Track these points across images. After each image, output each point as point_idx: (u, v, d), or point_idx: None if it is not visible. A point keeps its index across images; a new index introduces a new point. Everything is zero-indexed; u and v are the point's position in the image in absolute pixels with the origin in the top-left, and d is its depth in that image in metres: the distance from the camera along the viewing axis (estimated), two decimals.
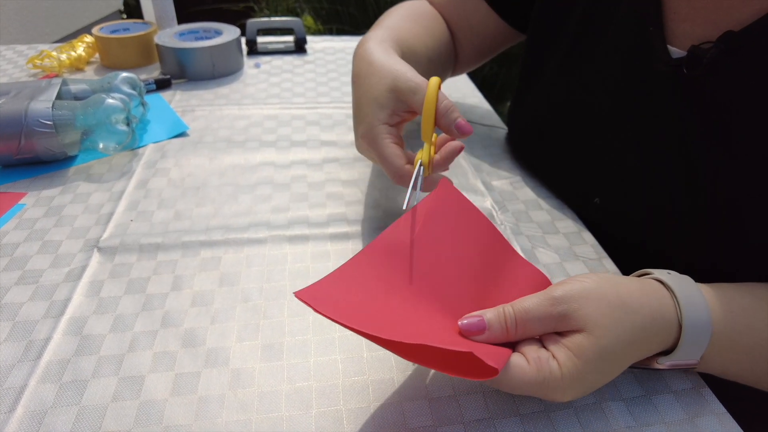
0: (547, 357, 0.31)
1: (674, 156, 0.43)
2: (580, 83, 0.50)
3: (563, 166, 0.54)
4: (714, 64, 0.40)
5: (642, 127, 0.45)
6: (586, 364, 0.31)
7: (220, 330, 0.40)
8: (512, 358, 0.31)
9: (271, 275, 0.45)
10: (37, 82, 0.63)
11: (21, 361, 0.37)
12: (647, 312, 0.33)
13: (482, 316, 0.33)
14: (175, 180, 0.57)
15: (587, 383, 0.32)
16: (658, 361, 0.35)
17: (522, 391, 0.31)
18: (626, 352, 0.33)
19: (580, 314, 0.32)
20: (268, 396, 0.35)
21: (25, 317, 0.41)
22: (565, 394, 0.32)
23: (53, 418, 0.33)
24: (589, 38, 0.49)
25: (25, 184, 0.56)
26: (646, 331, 0.33)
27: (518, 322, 0.32)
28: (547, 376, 0.30)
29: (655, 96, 0.44)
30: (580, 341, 0.31)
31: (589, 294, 0.32)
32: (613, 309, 0.32)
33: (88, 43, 0.87)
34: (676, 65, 0.42)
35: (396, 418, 0.34)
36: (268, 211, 0.52)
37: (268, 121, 0.69)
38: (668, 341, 0.34)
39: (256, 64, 0.86)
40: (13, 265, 0.45)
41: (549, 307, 0.32)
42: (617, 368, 0.33)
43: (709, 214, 0.42)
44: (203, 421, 0.34)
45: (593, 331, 0.31)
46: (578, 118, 0.51)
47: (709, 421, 0.34)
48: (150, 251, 0.47)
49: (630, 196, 0.47)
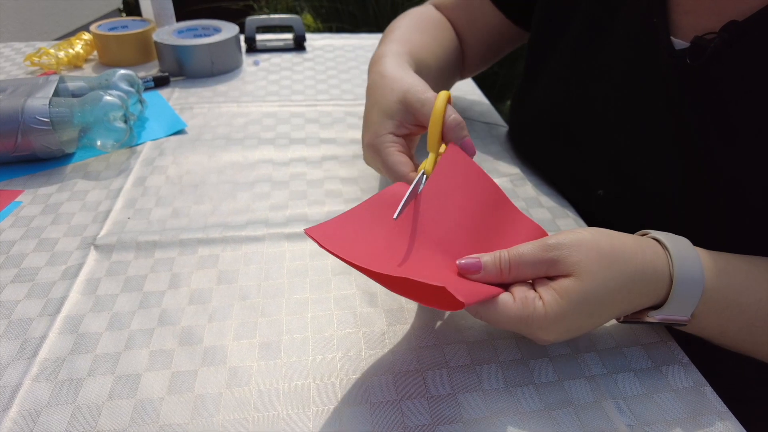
0: (534, 297, 0.33)
1: (679, 147, 0.43)
2: (585, 76, 0.50)
3: (567, 160, 0.54)
4: (717, 54, 0.40)
5: (646, 119, 0.45)
6: (570, 304, 0.33)
7: (217, 328, 0.39)
8: (500, 296, 0.33)
9: (269, 273, 0.44)
10: (35, 79, 0.63)
11: (16, 359, 0.37)
12: (638, 262, 0.34)
13: (479, 258, 0.35)
14: (173, 177, 0.56)
15: (570, 324, 0.34)
16: (648, 315, 0.36)
17: (507, 325, 0.34)
18: (612, 299, 0.34)
19: (571, 260, 0.33)
20: (265, 394, 0.35)
21: (21, 315, 0.40)
22: (548, 332, 0.33)
23: (48, 417, 0.33)
24: (594, 31, 0.49)
25: (21, 181, 0.56)
26: (635, 280, 0.34)
27: (512, 264, 0.34)
28: (531, 313, 0.33)
29: (660, 87, 0.44)
30: (567, 284, 0.33)
31: (581, 242, 0.34)
32: (603, 256, 0.34)
33: (86, 40, 0.86)
34: (679, 56, 0.42)
35: (394, 417, 0.34)
36: (267, 208, 0.52)
37: (267, 119, 0.68)
38: (659, 295, 0.35)
39: (255, 61, 0.86)
40: (9, 263, 0.45)
41: (541, 252, 0.34)
42: (601, 314, 0.35)
43: (712, 204, 0.42)
44: (200, 419, 0.33)
45: (580, 276, 0.33)
46: (583, 111, 0.51)
47: (711, 420, 0.34)
48: (147, 249, 0.47)
49: (634, 187, 0.47)
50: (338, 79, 0.81)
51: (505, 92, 2.22)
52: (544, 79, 0.55)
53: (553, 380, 0.36)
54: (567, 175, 0.55)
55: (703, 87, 0.41)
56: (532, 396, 0.35)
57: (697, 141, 0.42)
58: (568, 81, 0.52)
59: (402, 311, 0.41)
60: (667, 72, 0.43)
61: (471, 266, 0.35)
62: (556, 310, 0.33)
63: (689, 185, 0.43)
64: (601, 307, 0.34)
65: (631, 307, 0.35)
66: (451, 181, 0.40)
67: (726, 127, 0.40)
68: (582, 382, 0.36)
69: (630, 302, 0.35)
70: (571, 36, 0.51)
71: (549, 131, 0.55)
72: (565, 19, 0.52)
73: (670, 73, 0.42)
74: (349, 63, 0.86)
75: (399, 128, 0.45)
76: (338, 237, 0.34)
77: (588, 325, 0.35)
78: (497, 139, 0.66)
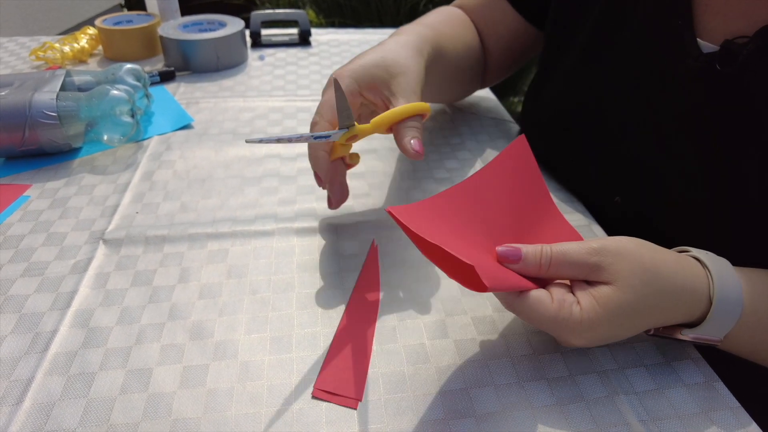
0: (572, 301, 0.33)
1: (700, 154, 0.42)
2: (601, 78, 0.49)
3: (582, 165, 0.53)
4: (750, 62, 0.38)
5: (666, 124, 0.44)
6: (607, 314, 0.32)
7: (228, 322, 0.39)
8: (538, 293, 0.33)
9: (278, 267, 0.44)
10: (41, 74, 0.63)
11: (27, 353, 0.37)
12: (677, 281, 0.34)
13: (520, 248, 0.34)
14: (181, 172, 0.56)
15: (602, 333, 0.34)
16: (682, 332, 0.35)
17: (539, 324, 0.33)
18: (648, 314, 0.34)
19: (614, 269, 0.33)
20: (277, 388, 0.35)
21: (31, 309, 0.40)
22: (579, 337, 0.33)
23: (61, 411, 0.33)
24: (611, 32, 0.48)
25: (29, 175, 0.56)
26: (672, 299, 0.34)
27: (553, 261, 0.33)
28: (567, 317, 0.32)
29: (682, 92, 0.42)
30: (607, 292, 0.32)
31: (625, 252, 0.33)
32: (645, 271, 0.33)
33: (91, 35, 0.86)
34: (707, 60, 0.40)
35: (406, 411, 0.34)
36: (275, 203, 0.52)
37: (274, 114, 0.68)
38: (694, 314, 0.35)
39: (261, 56, 0.85)
40: (19, 257, 0.45)
41: (585, 255, 0.33)
42: (633, 327, 0.35)
43: (735, 214, 0.41)
44: (212, 413, 0.33)
45: (621, 287, 0.32)
46: (598, 115, 0.50)
47: (724, 416, 0.34)
48: (156, 243, 0.47)
49: (653, 194, 0.47)
50: None
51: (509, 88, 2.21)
52: (559, 80, 0.54)
53: (565, 375, 0.36)
54: (582, 179, 0.54)
55: (732, 94, 0.39)
56: (544, 391, 0.35)
57: (722, 148, 0.41)
58: (582, 82, 0.51)
59: (412, 307, 0.41)
60: (691, 76, 0.41)
61: (511, 254, 0.34)
62: (592, 317, 0.32)
63: (711, 193, 0.42)
64: (635, 320, 0.34)
65: (661, 323, 0.35)
66: (509, 170, 0.40)
67: (755, 135, 0.39)
68: (593, 377, 0.36)
69: (664, 319, 0.35)
70: (587, 36, 0.50)
71: (563, 133, 0.55)
72: (580, 18, 0.51)
73: (696, 77, 0.41)
74: None
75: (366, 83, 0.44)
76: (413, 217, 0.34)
77: (618, 336, 0.35)
78: (505, 134, 0.66)
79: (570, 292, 0.34)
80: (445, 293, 0.42)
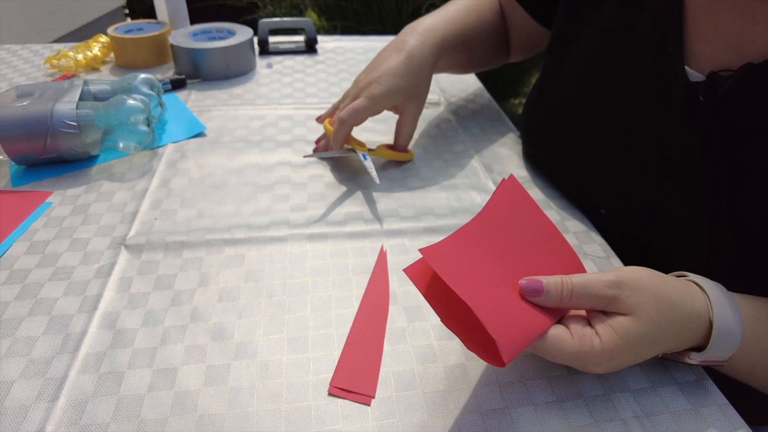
0: (591, 334, 0.34)
1: (683, 175, 0.44)
2: (595, 96, 0.52)
3: (572, 175, 0.56)
4: (731, 93, 0.40)
5: (652, 145, 0.46)
6: (626, 345, 0.34)
7: (247, 324, 0.42)
8: (558, 331, 0.34)
9: (293, 272, 0.47)
10: (60, 84, 0.65)
11: (60, 353, 0.39)
12: (687, 309, 0.36)
13: (542, 281, 0.35)
14: (196, 179, 0.59)
15: (620, 360, 0.35)
16: (690, 357, 0.37)
17: (561, 360, 0.34)
18: (662, 341, 0.35)
19: (632, 301, 0.34)
20: (295, 386, 0.37)
21: (61, 311, 0.43)
22: (599, 366, 0.35)
23: (94, 407, 0.36)
24: (607, 51, 0.50)
25: (50, 183, 0.58)
26: (683, 326, 0.36)
27: (574, 293, 0.35)
28: (589, 351, 0.33)
29: (668, 117, 0.45)
30: (626, 323, 0.34)
31: (641, 285, 0.35)
32: (659, 302, 0.35)
33: (103, 43, 0.88)
34: (693, 90, 0.42)
35: (416, 407, 0.36)
36: (287, 210, 0.54)
37: (283, 121, 0.70)
38: (699, 338, 0.37)
39: (269, 64, 0.88)
40: (46, 262, 0.47)
41: (605, 288, 0.34)
42: (649, 353, 0.36)
43: (712, 232, 0.43)
44: (235, 410, 0.36)
45: (639, 318, 0.34)
46: (590, 131, 0.52)
47: (713, 412, 0.37)
48: (175, 249, 0.49)
49: (636, 210, 0.49)
50: (350, 82, 0.83)
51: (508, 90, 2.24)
52: (557, 91, 0.57)
53: (564, 374, 0.39)
54: (572, 190, 0.57)
55: (715, 123, 0.42)
56: (545, 388, 0.38)
57: (703, 171, 0.43)
58: (577, 98, 0.54)
59: (420, 309, 0.44)
60: (678, 103, 0.44)
61: (533, 287, 0.35)
62: (612, 348, 0.33)
63: (691, 213, 0.44)
64: (651, 348, 0.36)
65: (672, 348, 0.37)
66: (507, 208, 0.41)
67: (733, 161, 0.41)
68: (591, 376, 0.39)
69: (675, 344, 0.36)
70: (585, 53, 0.53)
71: (556, 147, 0.57)
72: (580, 37, 0.53)
73: (681, 104, 0.43)
74: (360, 65, 0.88)
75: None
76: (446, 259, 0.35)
77: (633, 361, 0.36)
78: (506, 142, 0.68)
79: (588, 325, 0.35)
80: None
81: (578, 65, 0.54)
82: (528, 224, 0.41)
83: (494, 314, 0.33)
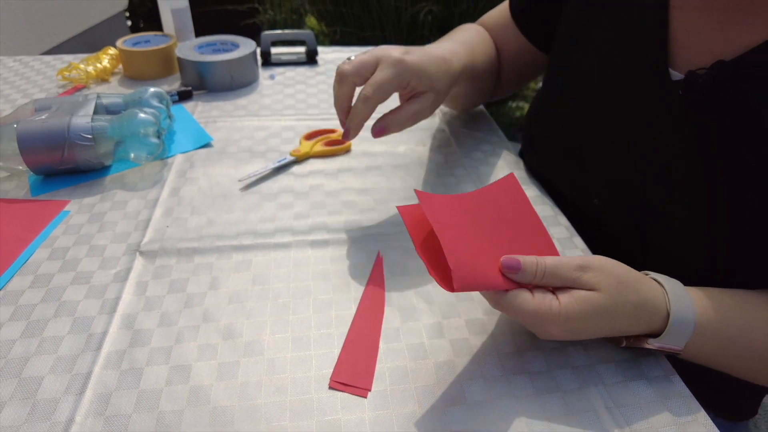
0: (552, 298, 0.39)
1: (670, 167, 0.49)
2: (595, 101, 0.56)
3: (571, 169, 0.60)
4: (707, 88, 0.46)
5: (645, 140, 0.51)
6: (582, 311, 0.38)
7: (254, 324, 0.46)
8: (520, 291, 0.39)
9: (296, 276, 0.51)
10: (74, 98, 0.69)
11: (84, 351, 0.43)
12: (644, 296, 0.40)
13: (519, 260, 0.39)
14: (205, 189, 0.63)
15: (576, 325, 0.39)
16: (648, 342, 0.41)
17: (523, 317, 0.39)
18: (618, 318, 0.40)
19: (594, 281, 0.39)
20: (299, 381, 0.41)
21: (83, 314, 0.46)
22: (556, 327, 0.39)
23: (118, 400, 0.39)
24: (606, 62, 0.55)
25: (67, 192, 0.62)
26: (639, 309, 0.40)
27: (546, 273, 0.39)
28: (547, 310, 0.38)
29: (658, 113, 0.50)
30: (586, 294, 0.39)
31: (604, 269, 0.40)
32: (620, 283, 0.40)
33: (112, 55, 0.92)
34: (675, 87, 0.48)
35: (409, 400, 0.40)
36: (291, 217, 0.58)
37: (286, 132, 0.74)
38: (655, 325, 0.41)
39: (271, 75, 0.91)
40: (67, 267, 0.51)
41: (573, 270, 0.39)
42: (604, 326, 0.40)
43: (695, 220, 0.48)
44: (245, 402, 0.40)
45: (599, 293, 0.39)
46: (592, 132, 0.57)
47: (676, 403, 0.40)
48: (187, 255, 0.53)
49: (627, 200, 0.54)
50: None
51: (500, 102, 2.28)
52: (559, 100, 0.61)
53: (544, 369, 0.42)
54: (568, 182, 0.61)
55: (697, 115, 0.47)
56: (526, 383, 0.41)
57: (687, 162, 0.48)
58: (580, 105, 0.58)
59: (414, 311, 0.47)
60: (665, 100, 0.49)
61: (512, 266, 0.39)
62: (569, 310, 0.38)
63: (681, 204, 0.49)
64: (606, 321, 0.40)
65: (631, 331, 0.41)
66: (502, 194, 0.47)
67: (713, 151, 0.46)
68: (569, 371, 0.42)
69: (630, 325, 0.41)
70: (584, 61, 0.57)
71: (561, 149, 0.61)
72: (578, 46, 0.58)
73: (668, 101, 0.49)
74: None
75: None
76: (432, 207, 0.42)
77: (590, 331, 0.40)
78: (499, 152, 0.72)
79: (551, 293, 0.39)
80: (441, 299, 0.49)
81: (581, 75, 0.58)
82: (516, 212, 0.46)
83: (458, 253, 0.38)
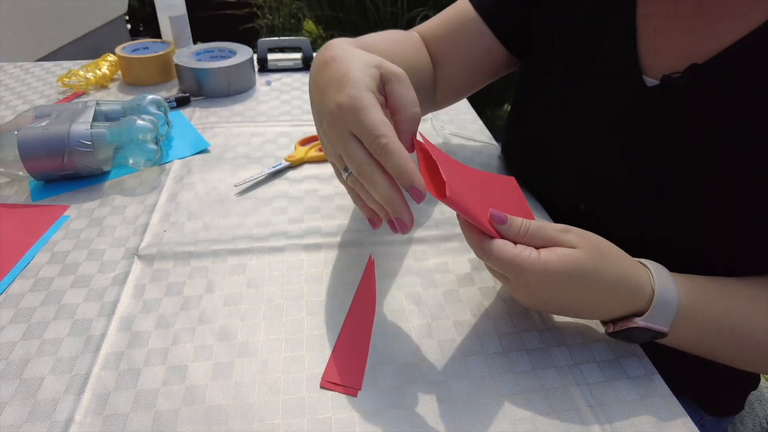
0: (532, 250, 0.40)
1: (652, 170, 0.50)
2: (573, 105, 0.57)
3: (554, 176, 0.61)
4: (683, 91, 0.47)
5: (624, 145, 0.52)
6: (561, 267, 0.39)
7: (249, 326, 0.47)
8: (502, 240, 0.40)
9: (290, 279, 0.52)
10: (74, 104, 0.70)
11: (83, 352, 0.44)
12: (626, 271, 0.41)
13: (507, 215, 0.41)
14: (202, 194, 0.64)
15: (553, 280, 0.39)
16: (635, 321, 0.42)
17: (500, 264, 0.39)
18: (598, 290, 0.41)
19: (576, 240, 0.40)
20: (292, 380, 0.42)
21: (82, 316, 0.48)
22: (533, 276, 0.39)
23: (116, 399, 0.41)
24: (581, 65, 0.56)
25: (66, 197, 0.64)
26: (620, 282, 0.41)
27: (530, 232, 0.41)
28: (526, 257, 0.39)
29: (635, 118, 0.51)
30: (567, 251, 0.40)
31: (590, 236, 0.41)
32: (600, 253, 0.41)
33: (111, 61, 0.94)
34: (651, 93, 0.49)
35: (397, 399, 0.41)
36: (285, 222, 0.60)
37: (282, 138, 0.76)
38: (639, 305, 0.42)
39: (268, 81, 0.93)
40: (66, 271, 0.52)
41: (556, 233, 0.41)
42: (583, 295, 0.41)
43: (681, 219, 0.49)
44: (239, 401, 0.41)
45: (581, 252, 0.40)
46: (570, 136, 0.58)
47: (657, 402, 0.42)
48: (184, 258, 0.54)
49: (613, 204, 0.55)
50: None
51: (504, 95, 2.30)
52: (536, 107, 0.62)
53: (529, 369, 0.44)
54: (553, 189, 0.62)
55: (674, 118, 0.48)
56: (511, 382, 0.43)
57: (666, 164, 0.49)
58: (558, 109, 0.59)
59: (403, 312, 0.49)
60: (643, 105, 0.50)
61: (499, 217, 0.40)
62: (547, 263, 0.39)
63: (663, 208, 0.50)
64: (585, 290, 0.40)
65: (614, 309, 0.42)
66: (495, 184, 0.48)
67: (692, 152, 0.47)
68: (552, 371, 0.44)
69: (612, 302, 0.42)
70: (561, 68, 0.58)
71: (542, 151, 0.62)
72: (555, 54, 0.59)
73: (645, 106, 0.50)
74: None
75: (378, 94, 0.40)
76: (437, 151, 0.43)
77: (567, 295, 0.41)
78: (489, 157, 0.73)
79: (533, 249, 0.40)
80: (431, 300, 0.50)
81: (554, 82, 0.59)
82: (508, 195, 0.48)
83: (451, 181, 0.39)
